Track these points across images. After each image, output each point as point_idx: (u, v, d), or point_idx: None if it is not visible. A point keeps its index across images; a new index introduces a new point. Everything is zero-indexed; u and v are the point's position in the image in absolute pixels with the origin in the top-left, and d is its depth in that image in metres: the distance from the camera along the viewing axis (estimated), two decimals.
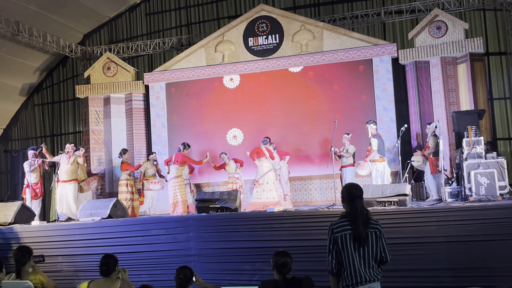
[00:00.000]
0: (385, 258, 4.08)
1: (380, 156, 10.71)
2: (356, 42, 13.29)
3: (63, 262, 9.85)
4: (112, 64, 15.20)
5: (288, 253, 4.39)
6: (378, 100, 12.99)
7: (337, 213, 7.82)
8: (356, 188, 4.21)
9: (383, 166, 10.71)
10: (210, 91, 14.35)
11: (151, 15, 16.59)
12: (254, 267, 8.78)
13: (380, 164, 10.70)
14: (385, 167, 10.72)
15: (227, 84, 14.22)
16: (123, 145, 14.77)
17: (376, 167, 10.72)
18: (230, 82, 14.19)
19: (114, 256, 5.00)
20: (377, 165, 10.71)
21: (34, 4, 14.15)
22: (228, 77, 14.16)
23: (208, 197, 10.36)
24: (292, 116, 13.69)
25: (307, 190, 13.21)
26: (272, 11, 14.00)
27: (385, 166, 10.74)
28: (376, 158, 10.71)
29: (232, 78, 14.15)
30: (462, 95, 12.45)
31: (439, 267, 7.89)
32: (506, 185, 9.20)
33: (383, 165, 10.71)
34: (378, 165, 10.71)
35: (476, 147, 9.56)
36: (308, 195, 13.20)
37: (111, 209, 10.47)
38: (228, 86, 14.21)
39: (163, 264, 9.32)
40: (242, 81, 14.12)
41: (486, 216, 7.86)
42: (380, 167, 10.68)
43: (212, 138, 14.21)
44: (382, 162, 10.72)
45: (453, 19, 12.67)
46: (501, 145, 13.53)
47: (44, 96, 17.64)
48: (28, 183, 11.86)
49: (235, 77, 14.13)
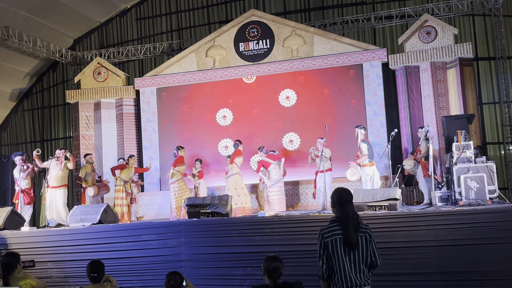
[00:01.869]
0: (376, 263, 4.09)
1: (369, 161, 10.76)
2: (346, 47, 13.35)
3: (53, 268, 9.79)
4: (103, 69, 15.16)
5: (279, 258, 4.39)
6: (368, 104, 13.04)
7: (327, 218, 7.83)
8: (346, 192, 4.22)
9: (373, 170, 10.76)
10: (201, 96, 14.35)
11: (142, 20, 16.59)
12: (245, 272, 8.76)
13: (369, 169, 10.75)
14: (374, 172, 10.77)
15: (219, 89, 14.21)
16: (113, 150, 14.75)
17: (365, 171, 10.76)
18: (221, 87, 14.19)
19: (101, 262, 5.00)
20: (367, 169, 10.76)
21: (24, 9, 14.10)
22: (219, 81, 14.16)
23: (199, 202, 10.33)
24: (283, 121, 13.71)
25: (299, 194, 13.21)
26: (263, 16, 14.04)
27: (374, 171, 10.78)
28: (365, 163, 10.76)
29: (223, 83, 14.16)
30: (452, 99, 12.53)
31: (430, 271, 7.91)
32: (495, 189, 9.23)
33: (372, 169, 10.76)
34: (368, 170, 10.75)
35: (465, 151, 9.60)
36: (300, 199, 13.19)
37: (102, 215, 10.41)
38: (219, 91, 14.21)
39: (153, 269, 9.27)
40: (233, 86, 14.12)
41: (476, 220, 7.90)
42: (370, 172, 10.74)
43: (203, 143, 14.20)
44: (371, 167, 10.77)
45: (442, 24, 12.76)
46: (491, 149, 13.63)
47: (34, 101, 17.56)
48: (20, 189, 11.77)
49: (227, 82, 14.13)
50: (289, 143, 13.61)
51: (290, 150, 13.57)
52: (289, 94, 13.71)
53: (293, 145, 13.59)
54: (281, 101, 13.76)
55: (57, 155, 11.92)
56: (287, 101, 13.72)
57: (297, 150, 13.56)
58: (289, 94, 13.71)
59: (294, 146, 13.59)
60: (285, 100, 13.73)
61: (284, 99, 13.74)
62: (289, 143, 13.61)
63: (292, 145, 13.59)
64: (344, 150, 12.62)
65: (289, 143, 13.61)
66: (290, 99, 13.70)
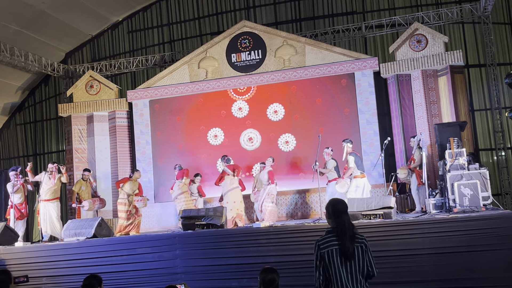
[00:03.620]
0: (372, 273, 4.09)
1: (360, 172, 10.77)
2: (338, 57, 13.41)
3: (47, 283, 9.72)
4: (95, 82, 15.15)
5: (275, 270, 4.39)
6: (361, 113, 13.09)
7: (323, 228, 7.84)
8: (341, 203, 4.23)
9: (364, 182, 10.75)
10: (194, 107, 14.35)
11: (134, 33, 16.62)
12: (241, 284, 8.74)
13: (360, 180, 10.73)
14: (365, 183, 10.76)
15: (212, 100, 14.22)
16: (107, 163, 14.70)
17: (356, 183, 10.72)
18: (214, 98, 14.20)
19: (97, 275, 4.91)
20: (358, 181, 10.73)
21: (15, 24, 14.10)
22: (212, 93, 14.17)
23: (194, 214, 10.30)
24: (276, 131, 13.73)
25: (292, 204, 13.20)
26: (255, 27, 14.09)
27: (365, 182, 10.78)
28: (357, 174, 10.74)
29: (216, 94, 14.17)
30: (444, 107, 12.59)
31: (426, 279, 7.93)
32: (489, 196, 9.27)
33: (363, 181, 10.76)
34: (359, 181, 10.72)
35: (458, 158, 9.65)
36: (294, 209, 13.17)
37: (96, 229, 10.37)
38: (213, 102, 14.21)
39: (149, 283, 9.23)
40: (226, 97, 14.14)
41: (470, 227, 7.93)
42: (361, 183, 10.71)
43: (197, 154, 14.18)
44: (362, 178, 10.77)
45: (433, 33, 12.85)
46: (483, 156, 13.71)
47: (27, 115, 17.52)
48: (12, 204, 11.72)
49: (219, 93, 14.15)
50: (282, 153, 13.61)
51: (282, 160, 13.53)
52: (282, 105, 13.73)
53: (287, 154, 13.58)
54: (273, 111, 13.77)
55: (50, 169, 11.88)
56: (279, 111, 13.73)
57: (291, 159, 13.55)
58: (282, 105, 13.73)
59: (287, 156, 13.58)
60: (277, 110, 13.75)
61: (276, 109, 13.76)
62: (282, 152, 13.61)
63: (286, 155, 13.58)
64: (337, 159, 12.60)
65: (282, 153, 13.61)
66: (283, 110, 13.71)
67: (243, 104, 14.03)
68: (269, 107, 13.85)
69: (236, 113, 14.05)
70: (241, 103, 14.04)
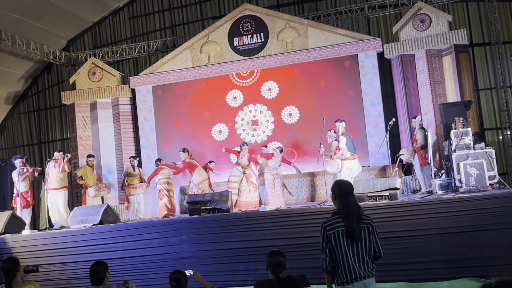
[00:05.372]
0: (379, 253, 4.07)
1: (351, 154, 10.61)
2: (341, 38, 13.30)
3: (55, 270, 9.78)
4: (97, 69, 15.10)
5: (281, 252, 4.38)
6: (365, 95, 13.01)
7: (329, 210, 7.83)
8: (347, 184, 4.21)
9: (354, 163, 10.62)
10: (197, 92, 14.31)
11: (135, 19, 16.52)
12: (248, 267, 8.77)
13: (351, 162, 10.58)
14: (355, 165, 10.64)
15: (215, 84, 14.17)
16: (111, 150, 14.70)
17: (347, 165, 10.56)
18: (217, 83, 14.15)
19: (103, 262, 4.90)
20: (348, 163, 10.57)
21: (16, 12, 14.03)
22: (215, 77, 14.12)
23: (200, 199, 10.32)
24: (280, 114, 13.69)
25: (298, 187, 13.19)
26: (256, 10, 13.98)
27: (355, 164, 10.65)
28: (347, 156, 10.58)
29: (219, 79, 14.12)
30: (448, 87, 12.50)
31: (433, 259, 7.93)
32: (495, 175, 9.24)
33: (354, 163, 10.62)
34: (349, 163, 10.57)
35: (464, 138, 9.60)
36: (299, 193, 13.16)
37: (102, 215, 10.40)
38: (216, 86, 14.17)
39: (156, 268, 9.27)
40: (229, 81, 14.09)
41: (477, 206, 7.91)
42: (351, 165, 10.57)
43: (201, 139, 14.17)
44: (353, 160, 10.62)
45: (436, 12, 12.72)
46: (489, 135, 13.64)
47: (30, 104, 17.51)
48: (18, 192, 11.75)
49: (222, 78, 14.09)
50: (286, 136, 13.57)
51: (287, 143, 13.50)
52: (285, 88, 13.68)
53: (291, 138, 13.54)
54: (277, 94, 13.72)
55: (55, 157, 11.89)
56: (283, 94, 13.68)
57: (295, 142, 13.52)
58: (285, 88, 13.68)
59: (292, 139, 13.55)
60: (281, 93, 13.70)
61: (280, 92, 13.70)
62: (287, 135, 13.57)
63: (290, 138, 13.54)
64: None
65: (286, 136, 13.57)
66: (286, 93, 13.66)
67: (238, 94, 14.00)
68: (262, 84, 13.85)
69: (230, 101, 14.01)
70: (237, 92, 14.01)
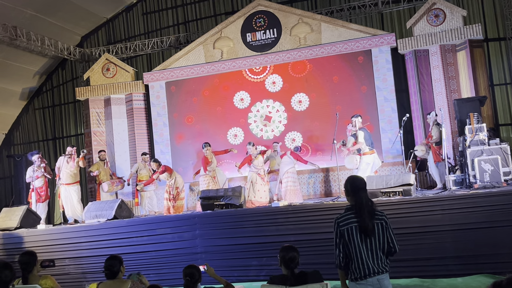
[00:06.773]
0: (394, 249, 4.06)
1: (369, 149, 10.59)
2: (354, 34, 13.25)
3: (70, 264, 9.89)
4: (111, 65, 15.18)
5: (294, 248, 4.39)
6: (378, 90, 12.96)
7: (342, 206, 7.83)
8: (359, 180, 4.20)
9: (373, 158, 10.60)
10: (210, 88, 14.33)
11: (148, 15, 16.56)
12: (261, 262, 8.80)
13: (369, 157, 10.56)
14: (374, 160, 10.61)
15: (227, 80, 14.19)
16: (125, 146, 14.79)
17: (365, 160, 10.53)
18: (230, 79, 14.16)
19: (118, 256, 4.95)
20: (367, 157, 10.54)
21: (31, 8, 14.13)
22: (228, 73, 14.13)
23: (213, 194, 10.36)
24: (293, 110, 13.67)
25: (310, 183, 13.18)
26: (269, 5, 13.96)
27: (374, 159, 10.63)
28: (366, 151, 10.56)
29: (232, 74, 14.13)
30: (463, 82, 12.41)
31: (446, 256, 7.91)
32: (510, 171, 9.18)
33: (372, 157, 10.60)
34: (368, 158, 10.54)
35: (478, 134, 9.54)
36: (311, 189, 13.16)
37: (116, 210, 10.49)
38: (228, 82, 14.18)
39: (170, 263, 9.35)
40: (242, 77, 14.10)
41: (491, 202, 7.87)
42: (370, 160, 10.54)
43: (214, 135, 14.20)
44: (372, 155, 10.60)
45: (451, 7, 12.62)
46: (503, 131, 13.50)
47: (45, 100, 17.63)
48: (33, 187, 11.87)
49: (235, 73, 14.10)
50: (299, 132, 13.55)
51: (300, 139, 13.49)
52: (298, 83, 13.65)
53: (304, 133, 13.53)
54: (290, 90, 13.70)
55: (69, 152, 12.00)
56: (296, 90, 13.67)
57: (309, 138, 13.51)
58: (298, 83, 13.65)
59: (305, 135, 13.53)
60: (294, 89, 13.68)
61: (293, 88, 13.69)
62: (300, 131, 13.55)
63: (303, 134, 13.52)
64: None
65: (299, 132, 13.55)
66: (299, 88, 13.64)
67: (245, 95, 14.00)
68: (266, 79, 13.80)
69: (237, 103, 14.02)
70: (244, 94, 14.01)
